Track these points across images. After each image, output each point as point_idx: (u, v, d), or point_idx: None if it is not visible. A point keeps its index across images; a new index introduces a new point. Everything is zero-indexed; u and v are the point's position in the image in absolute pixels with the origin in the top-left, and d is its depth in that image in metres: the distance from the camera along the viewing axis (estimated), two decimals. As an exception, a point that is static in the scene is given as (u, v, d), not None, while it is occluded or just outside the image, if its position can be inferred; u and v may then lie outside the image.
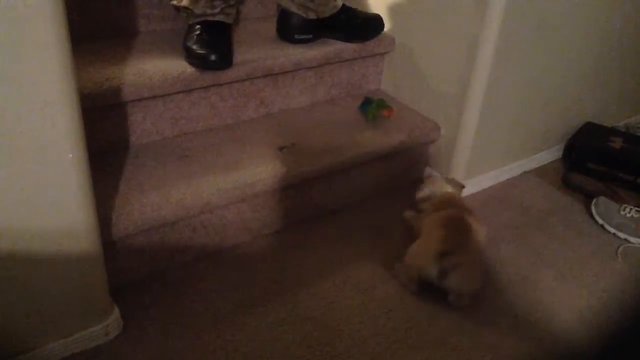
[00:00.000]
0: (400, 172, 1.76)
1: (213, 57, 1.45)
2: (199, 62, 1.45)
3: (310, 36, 1.69)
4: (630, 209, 1.65)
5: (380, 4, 1.82)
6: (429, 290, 1.35)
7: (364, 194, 1.70)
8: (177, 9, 1.53)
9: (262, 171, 1.43)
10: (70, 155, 0.97)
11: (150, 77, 1.39)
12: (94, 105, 1.33)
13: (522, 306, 1.38)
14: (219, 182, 1.38)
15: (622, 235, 1.63)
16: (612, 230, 1.64)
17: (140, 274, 1.36)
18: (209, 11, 1.49)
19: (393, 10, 1.79)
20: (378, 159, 1.65)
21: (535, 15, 1.57)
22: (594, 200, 1.72)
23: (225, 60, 1.48)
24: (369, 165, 1.64)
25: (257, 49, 1.62)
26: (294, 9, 1.65)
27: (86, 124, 0.99)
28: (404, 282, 1.40)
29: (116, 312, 1.21)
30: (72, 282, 1.10)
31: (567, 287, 1.44)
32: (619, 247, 1.59)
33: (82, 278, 1.11)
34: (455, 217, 1.40)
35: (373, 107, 1.71)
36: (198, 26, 1.49)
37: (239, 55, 1.54)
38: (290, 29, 1.68)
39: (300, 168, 1.48)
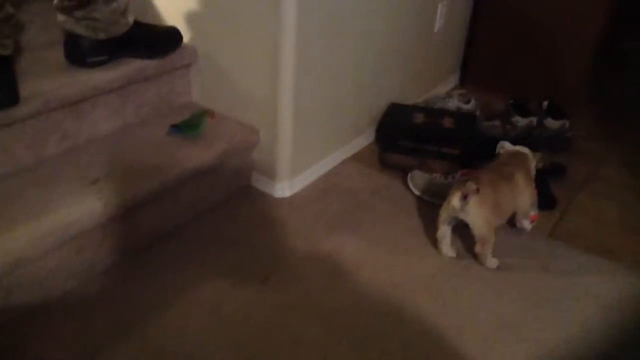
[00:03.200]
0: (228, 181, 1.74)
1: (-6, 96, 1.30)
2: (-23, 103, 1.29)
3: (105, 57, 1.59)
4: (440, 176, 1.81)
5: (176, 15, 1.77)
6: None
7: (197, 209, 1.65)
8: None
9: (76, 210, 1.32)
10: None
11: None
12: None
13: (368, 290, 1.44)
14: (30, 232, 1.25)
15: (437, 201, 1.77)
16: (429, 198, 1.79)
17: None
18: (-21, 45, 1.32)
19: (190, 20, 1.76)
20: (203, 173, 1.61)
21: (326, 11, 1.64)
22: (409, 175, 1.86)
23: (10, 97, 1.34)
24: (195, 180, 1.60)
25: (47, 79, 1.48)
26: (80, 30, 1.54)
27: None
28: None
29: None
30: None
31: (402, 260, 1.54)
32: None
33: None
34: (504, 167, 1.56)
35: (199, 120, 1.67)
36: (-31, 63, 1.32)
37: (27, 89, 1.41)
38: (80, 53, 1.56)
39: (119, 198, 1.39)
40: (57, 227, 1.28)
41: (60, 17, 1.54)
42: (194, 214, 1.65)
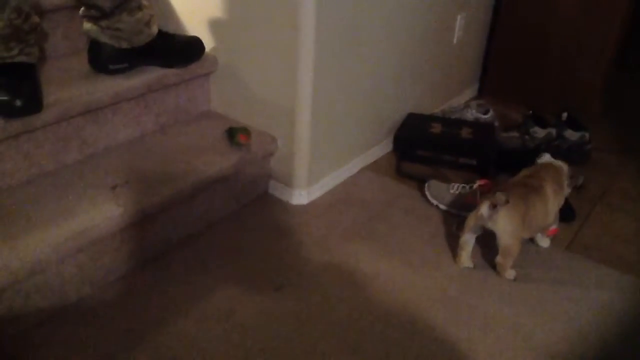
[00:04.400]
0: (246, 188, 1.75)
1: (19, 103, 1.34)
2: (2, 110, 1.32)
3: (126, 65, 1.62)
4: (457, 186, 1.80)
5: (198, 25, 1.79)
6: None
7: (214, 217, 1.66)
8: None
9: (95, 216, 1.34)
10: None
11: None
12: None
13: (382, 300, 1.44)
14: (49, 237, 1.27)
15: (454, 211, 1.77)
16: (446, 208, 1.78)
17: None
18: (5, 54, 1.35)
19: (212, 30, 1.78)
20: (221, 180, 1.62)
21: (345, 22, 1.65)
22: (426, 184, 1.85)
23: (33, 104, 1.37)
24: (213, 187, 1.61)
25: (69, 86, 1.51)
26: (105, 39, 1.57)
27: None
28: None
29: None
30: None
31: (417, 270, 1.54)
32: (454, 222, 1.72)
33: None
34: (531, 179, 1.53)
35: (234, 133, 1.70)
36: (-5, 71, 1.35)
37: (50, 96, 1.44)
38: (103, 60, 1.59)
39: (138, 204, 1.40)
40: (76, 232, 1.29)
41: (86, 25, 1.58)
42: (210, 221, 1.66)
